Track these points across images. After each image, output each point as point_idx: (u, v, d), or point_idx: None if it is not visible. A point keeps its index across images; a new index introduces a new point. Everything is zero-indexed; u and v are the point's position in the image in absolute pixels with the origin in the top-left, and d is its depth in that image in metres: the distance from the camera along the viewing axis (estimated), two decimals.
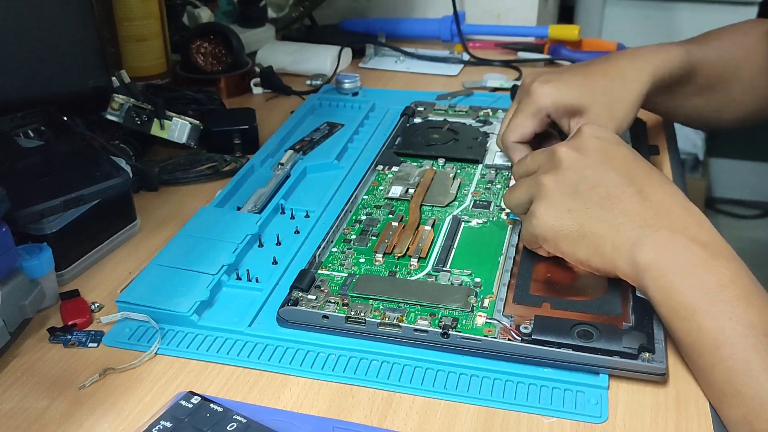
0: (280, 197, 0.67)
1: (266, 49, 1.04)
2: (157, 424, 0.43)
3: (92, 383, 0.48)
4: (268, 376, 0.48)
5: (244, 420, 0.43)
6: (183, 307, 0.52)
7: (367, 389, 0.47)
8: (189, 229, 0.61)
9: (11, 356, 0.50)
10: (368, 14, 1.20)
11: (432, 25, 1.12)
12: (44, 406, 0.46)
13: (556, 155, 0.53)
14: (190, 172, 0.74)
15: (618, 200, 0.50)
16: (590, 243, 0.50)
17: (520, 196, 0.55)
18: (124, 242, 0.63)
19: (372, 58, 1.07)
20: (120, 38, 0.88)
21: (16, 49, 0.65)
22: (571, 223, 0.50)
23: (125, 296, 0.54)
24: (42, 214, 0.55)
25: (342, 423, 0.44)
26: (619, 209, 0.49)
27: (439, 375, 0.48)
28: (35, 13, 0.65)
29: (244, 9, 1.10)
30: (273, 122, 0.84)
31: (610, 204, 0.50)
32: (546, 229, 0.51)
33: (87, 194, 0.57)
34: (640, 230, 0.48)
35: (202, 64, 0.94)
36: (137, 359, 0.49)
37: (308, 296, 0.53)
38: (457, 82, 0.97)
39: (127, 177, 0.60)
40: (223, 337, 0.51)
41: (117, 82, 0.73)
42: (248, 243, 0.60)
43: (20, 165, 0.59)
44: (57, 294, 0.55)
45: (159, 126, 0.73)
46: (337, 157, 0.74)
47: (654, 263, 0.47)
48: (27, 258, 0.52)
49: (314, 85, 0.95)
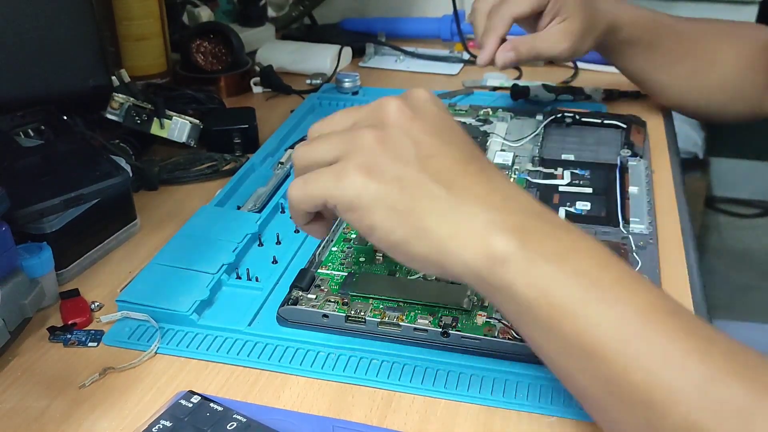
0: (280, 196, 0.67)
1: (266, 49, 1.04)
2: (157, 423, 0.43)
3: (92, 382, 0.48)
4: (268, 375, 0.48)
5: (244, 419, 0.43)
6: (183, 307, 0.52)
7: (367, 388, 0.47)
8: (189, 229, 0.61)
9: (11, 355, 0.50)
10: (368, 13, 1.20)
11: (432, 24, 1.12)
12: (44, 406, 0.46)
13: (385, 108, 0.42)
14: (190, 172, 0.74)
15: (459, 176, 0.40)
16: (418, 222, 0.39)
17: (323, 152, 0.42)
18: (124, 241, 0.63)
19: (372, 58, 1.07)
20: (120, 37, 0.88)
21: (16, 48, 0.65)
22: (397, 192, 0.39)
23: (125, 295, 0.53)
24: (42, 213, 0.55)
25: (342, 422, 0.44)
26: (461, 187, 0.40)
27: (439, 375, 0.48)
28: (35, 13, 0.65)
29: (244, 8, 1.10)
30: (273, 121, 0.84)
31: (449, 180, 0.40)
32: (362, 194, 0.40)
33: (87, 193, 0.57)
34: (489, 213, 0.39)
35: (202, 64, 0.94)
36: (137, 358, 0.49)
37: (308, 295, 0.52)
38: (457, 81, 0.97)
39: (126, 176, 0.60)
40: (223, 337, 0.51)
41: (117, 82, 0.73)
42: (248, 242, 0.60)
43: (20, 164, 0.59)
44: (57, 293, 0.55)
45: (159, 125, 0.73)
46: None
47: (516, 251, 0.37)
48: (27, 257, 0.52)
49: (314, 84, 0.95)
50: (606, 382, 0.36)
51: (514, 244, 0.38)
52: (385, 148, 0.40)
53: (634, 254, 0.57)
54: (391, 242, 0.40)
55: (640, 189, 0.67)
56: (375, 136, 0.41)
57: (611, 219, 0.61)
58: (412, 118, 0.41)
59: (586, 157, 0.72)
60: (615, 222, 0.61)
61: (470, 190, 0.40)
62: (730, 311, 1.88)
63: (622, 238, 0.59)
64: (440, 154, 0.41)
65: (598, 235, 0.59)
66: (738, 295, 1.96)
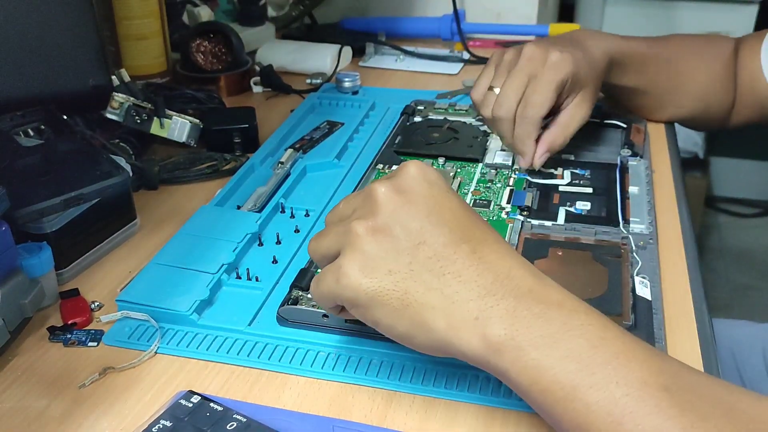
0: (280, 196, 0.67)
1: (266, 48, 1.04)
2: (156, 423, 0.43)
3: (92, 382, 0.48)
4: (268, 375, 0.48)
5: (244, 419, 0.43)
6: (183, 306, 0.52)
7: (367, 388, 0.47)
8: (189, 228, 0.61)
9: (11, 355, 0.50)
10: (368, 13, 1.20)
11: (432, 24, 1.12)
12: (44, 405, 0.46)
13: (373, 197, 0.42)
14: (190, 171, 0.74)
15: (450, 262, 0.40)
16: (416, 316, 0.40)
17: (328, 246, 0.44)
18: (124, 241, 0.63)
19: (372, 57, 1.07)
20: (120, 37, 0.88)
21: (16, 47, 0.65)
22: (392, 288, 0.40)
23: (125, 295, 0.53)
24: (42, 212, 0.55)
25: (342, 422, 0.44)
26: (452, 274, 0.40)
27: (439, 375, 0.48)
28: (35, 12, 0.65)
29: (244, 8, 1.10)
30: (273, 121, 0.84)
31: (440, 267, 0.40)
32: (358, 292, 0.41)
33: (87, 193, 0.57)
34: (481, 301, 0.39)
35: (202, 63, 0.94)
36: (137, 358, 0.49)
37: (308, 295, 0.52)
38: (457, 81, 0.97)
39: (126, 176, 0.60)
40: (223, 336, 0.51)
41: (117, 81, 0.73)
42: (248, 242, 0.60)
43: (20, 164, 0.59)
44: (57, 293, 0.55)
45: (159, 125, 0.73)
46: (337, 155, 0.74)
47: (507, 341, 0.38)
48: (27, 257, 0.52)
49: (314, 83, 0.95)
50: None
51: (504, 334, 0.38)
52: (376, 240, 0.41)
53: (634, 254, 0.57)
54: (395, 335, 0.42)
55: (640, 189, 0.67)
56: (366, 228, 0.41)
57: (611, 219, 0.61)
58: (402, 203, 0.42)
59: (586, 157, 0.72)
60: (615, 222, 0.61)
61: (461, 276, 0.40)
62: (730, 311, 1.88)
63: (622, 238, 0.59)
64: (430, 239, 0.41)
65: (598, 235, 0.59)
66: (738, 295, 1.96)
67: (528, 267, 0.41)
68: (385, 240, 0.41)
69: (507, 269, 0.40)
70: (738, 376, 0.81)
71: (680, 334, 0.51)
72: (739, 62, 0.79)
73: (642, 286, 0.53)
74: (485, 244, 0.42)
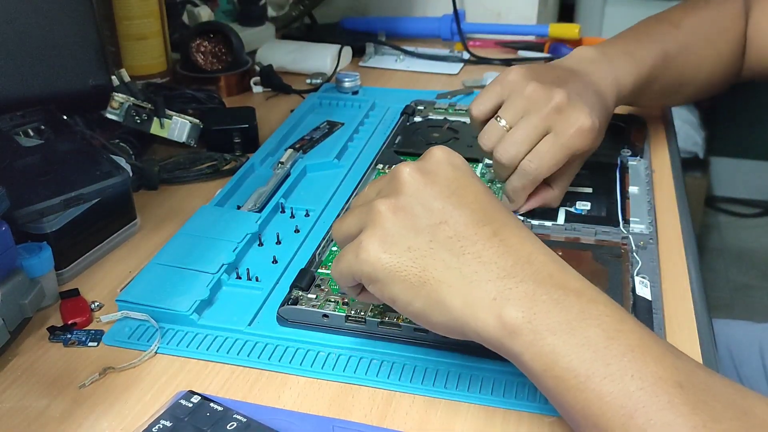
0: (280, 196, 0.67)
1: (266, 48, 1.04)
2: (157, 423, 0.43)
3: (92, 382, 0.48)
4: (268, 375, 0.48)
5: (244, 419, 0.43)
6: (183, 306, 0.52)
7: (367, 388, 0.47)
8: (189, 228, 0.61)
9: (11, 355, 0.50)
10: (368, 13, 1.20)
11: (432, 24, 1.12)
12: (44, 405, 0.46)
13: (398, 177, 0.43)
14: (190, 171, 0.74)
15: (470, 242, 0.40)
16: (432, 293, 0.40)
17: (350, 226, 0.44)
18: (124, 241, 0.63)
19: (372, 57, 1.07)
20: (120, 37, 0.88)
21: (16, 48, 0.65)
22: (410, 264, 0.41)
23: (125, 295, 0.53)
24: (42, 213, 0.55)
25: (342, 422, 0.44)
26: (472, 254, 0.40)
27: (439, 375, 0.48)
28: (35, 12, 0.65)
29: (244, 8, 1.10)
30: (273, 121, 0.84)
31: (460, 247, 0.40)
32: (377, 267, 0.41)
33: (87, 193, 0.57)
34: (500, 282, 0.39)
35: (202, 63, 0.94)
36: (137, 358, 0.49)
37: (308, 295, 0.52)
38: (457, 81, 0.97)
39: (126, 176, 0.60)
40: (223, 336, 0.51)
41: (117, 81, 0.73)
42: (248, 242, 0.60)
43: (20, 164, 0.59)
44: (57, 293, 0.55)
45: (159, 125, 0.73)
46: (338, 155, 0.74)
47: (524, 324, 0.38)
48: (27, 257, 0.52)
49: (314, 83, 0.95)
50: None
51: (521, 317, 0.38)
52: (397, 218, 0.41)
53: (634, 254, 0.57)
54: (411, 313, 0.42)
55: (640, 189, 0.67)
56: (388, 206, 0.42)
57: (611, 219, 0.61)
58: (425, 183, 0.42)
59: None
60: (615, 222, 0.61)
61: (481, 256, 0.40)
62: (730, 311, 1.88)
63: (622, 238, 0.59)
64: (451, 220, 0.41)
65: (598, 235, 0.59)
66: (738, 294, 1.96)
67: (549, 253, 0.41)
68: (407, 218, 0.41)
69: (528, 253, 0.40)
70: (735, 375, 0.81)
71: (680, 334, 0.51)
72: (750, 23, 0.76)
73: (642, 286, 0.53)
74: (507, 227, 0.42)
